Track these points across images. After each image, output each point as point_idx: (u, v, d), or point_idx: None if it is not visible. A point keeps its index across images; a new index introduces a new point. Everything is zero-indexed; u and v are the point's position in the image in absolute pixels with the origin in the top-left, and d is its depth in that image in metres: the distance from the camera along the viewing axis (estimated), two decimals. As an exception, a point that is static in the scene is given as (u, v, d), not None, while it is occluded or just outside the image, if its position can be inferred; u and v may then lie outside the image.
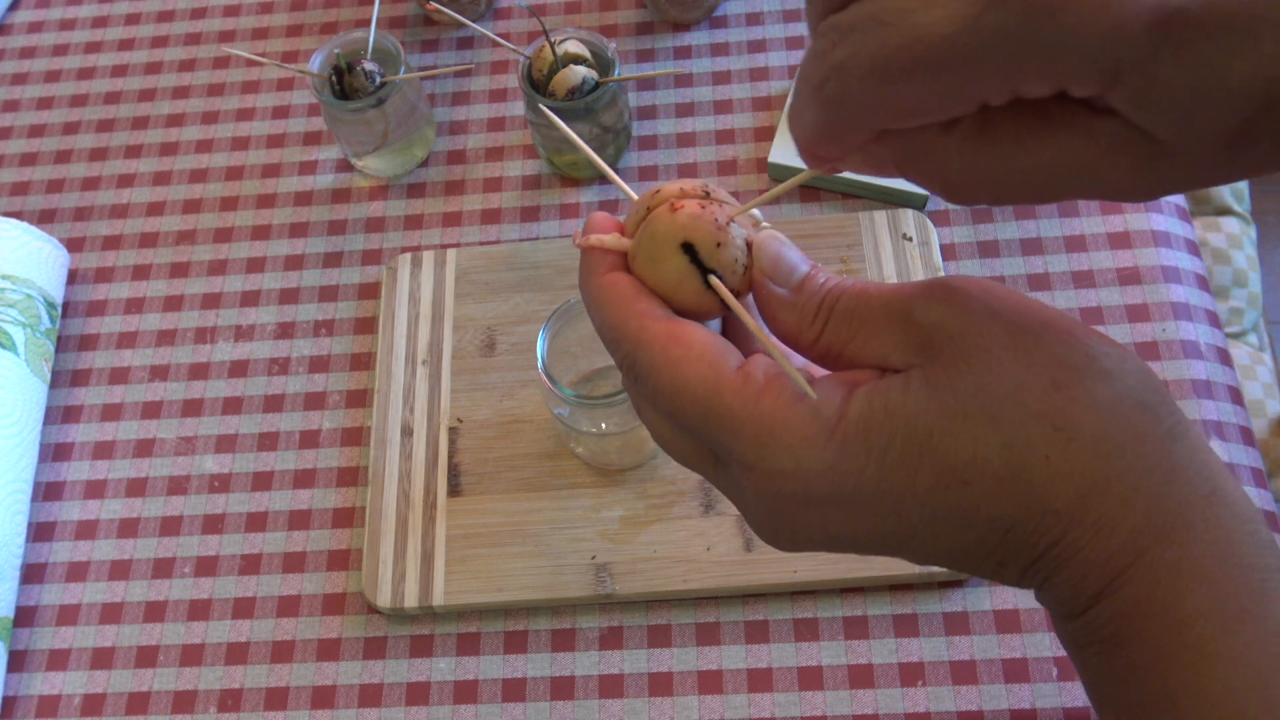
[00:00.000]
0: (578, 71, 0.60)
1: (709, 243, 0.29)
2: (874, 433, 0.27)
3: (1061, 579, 0.28)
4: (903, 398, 0.27)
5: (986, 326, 0.27)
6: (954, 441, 0.26)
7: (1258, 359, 0.90)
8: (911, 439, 0.26)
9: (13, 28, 0.80)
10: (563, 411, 0.53)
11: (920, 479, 0.27)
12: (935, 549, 0.29)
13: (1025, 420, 0.26)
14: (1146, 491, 0.26)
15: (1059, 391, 0.26)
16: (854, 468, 0.27)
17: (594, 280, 0.30)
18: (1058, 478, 0.26)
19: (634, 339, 0.29)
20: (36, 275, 0.63)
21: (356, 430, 0.61)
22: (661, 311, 0.29)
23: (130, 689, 0.56)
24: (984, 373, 0.26)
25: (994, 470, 0.26)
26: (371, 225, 0.68)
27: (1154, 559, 0.26)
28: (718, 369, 0.28)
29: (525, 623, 0.56)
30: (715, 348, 0.28)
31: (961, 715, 0.51)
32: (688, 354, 0.28)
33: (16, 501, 0.58)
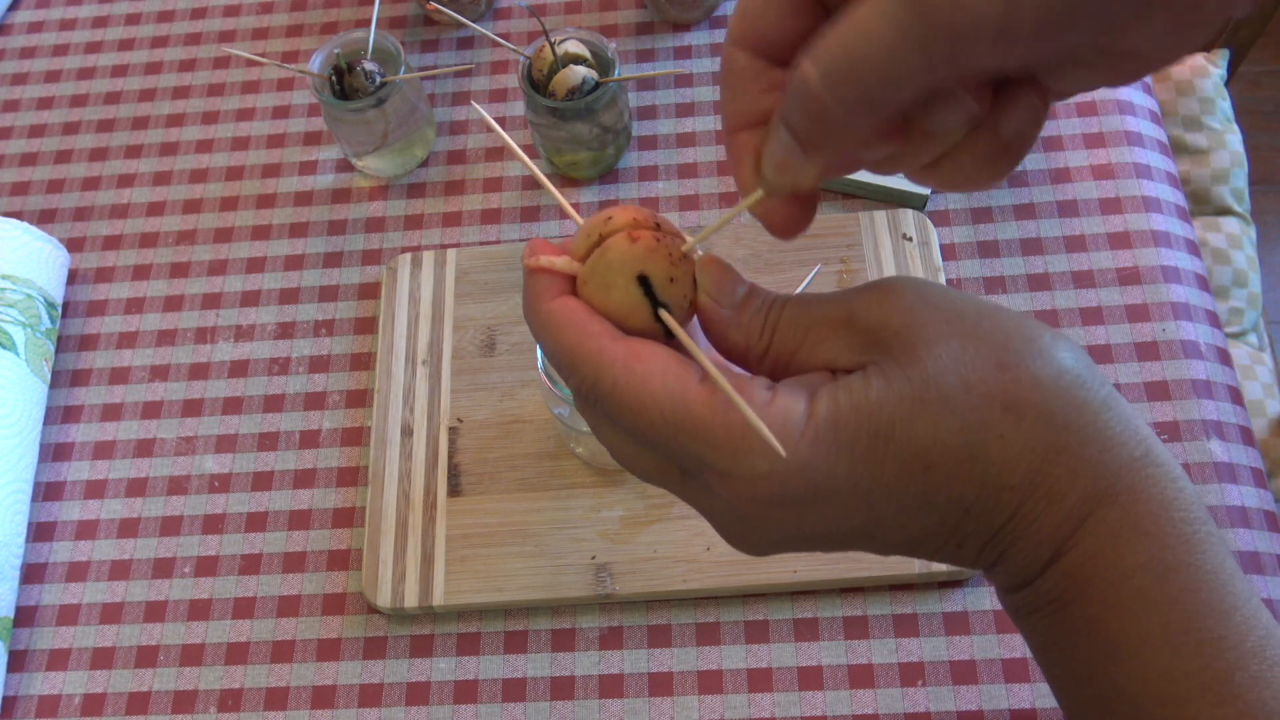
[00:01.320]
0: (578, 71, 0.60)
1: (663, 277, 0.30)
2: (842, 429, 0.28)
3: (1016, 550, 0.29)
4: (864, 392, 0.28)
5: (928, 319, 0.28)
6: (915, 429, 0.28)
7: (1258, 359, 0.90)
8: (877, 431, 0.28)
9: (13, 28, 0.80)
10: (563, 411, 0.53)
11: (887, 467, 0.28)
12: (901, 536, 0.30)
13: (976, 403, 0.28)
14: (1090, 459, 0.28)
15: (1003, 373, 0.28)
16: (826, 464, 0.28)
17: (543, 305, 0.30)
18: (1012, 455, 0.28)
19: (594, 361, 0.29)
20: (36, 275, 0.63)
21: (356, 430, 0.62)
22: (616, 332, 0.30)
23: (130, 689, 0.56)
24: (933, 362, 0.28)
25: (953, 453, 0.28)
26: (371, 225, 0.68)
27: (1098, 520, 0.28)
28: (684, 383, 0.28)
29: (525, 623, 0.56)
30: (677, 364, 0.29)
31: (961, 715, 0.51)
32: (651, 371, 0.28)
33: (16, 501, 0.58)
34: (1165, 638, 0.28)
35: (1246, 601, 0.29)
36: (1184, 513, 0.28)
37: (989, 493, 0.28)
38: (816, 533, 0.30)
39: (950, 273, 0.62)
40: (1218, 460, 0.56)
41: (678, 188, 0.67)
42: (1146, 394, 0.57)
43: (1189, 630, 0.28)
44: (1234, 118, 0.97)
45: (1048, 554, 0.29)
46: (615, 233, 0.30)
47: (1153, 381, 0.58)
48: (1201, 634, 0.28)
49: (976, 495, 0.28)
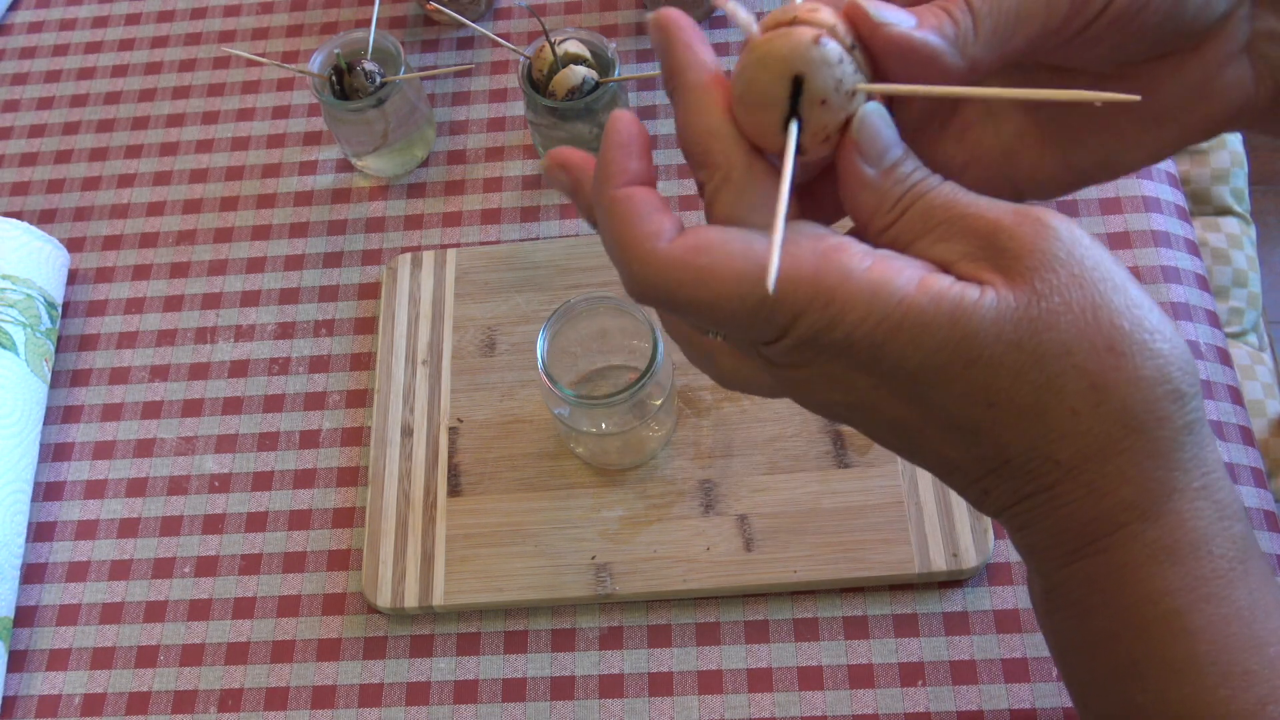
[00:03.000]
0: (578, 71, 0.60)
1: (818, 92, 0.27)
2: (930, 331, 0.27)
3: (1042, 527, 0.29)
4: (972, 312, 0.27)
5: (1066, 272, 0.27)
6: (998, 367, 0.27)
7: (1258, 359, 0.90)
8: (961, 351, 0.27)
9: (13, 28, 0.80)
10: (563, 411, 0.53)
11: (955, 387, 0.27)
12: (935, 450, 0.30)
13: (1067, 371, 0.27)
14: (1145, 472, 0.27)
15: (1110, 356, 0.27)
16: (898, 353, 0.27)
17: (606, 191, 0.29)
18: (1074, 432, 0.27)
19: (646, 262, 0.28)
20: (36, 275, 0.63)
21: (356, 430, 0.62)
22: (672, 226, 0.28)
23: (130, 689, 0.56)
24: (1049, 314, 0.27)
25: (1020, 404, 0.27)
26: (371, 225, 0.68)
27: (1134, 533, 0.28)
28: (752, 261, 0.27)
29: (525, 623, 0.56)
30: (742, 241, 0.27)
31: (961, 715, 0.51)
32: (715, 260, 0.27)
33: (16, 501, 0.58)
34: (1190, 666, 0.28)
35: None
36: (1227, 548, 0.28)
37: (1034, 457, 0.28)
38: (866, 401, 0.29)
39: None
40: (1218, 460, 0.56)
41: (677, 188, 0.67)
42: (1146, 394, 0.57)
43: (1216, 662, 0.28)
44: (1234, 118, 0.97)
45: (1071, 544, 0.29)
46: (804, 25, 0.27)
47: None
48: (1229, 666, 0.28)
49: (1021, 452, 0.28)
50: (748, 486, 0.56)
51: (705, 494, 0.56)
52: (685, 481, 0.57)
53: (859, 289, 0.27)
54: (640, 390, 0.50)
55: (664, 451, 0.58)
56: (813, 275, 0.27)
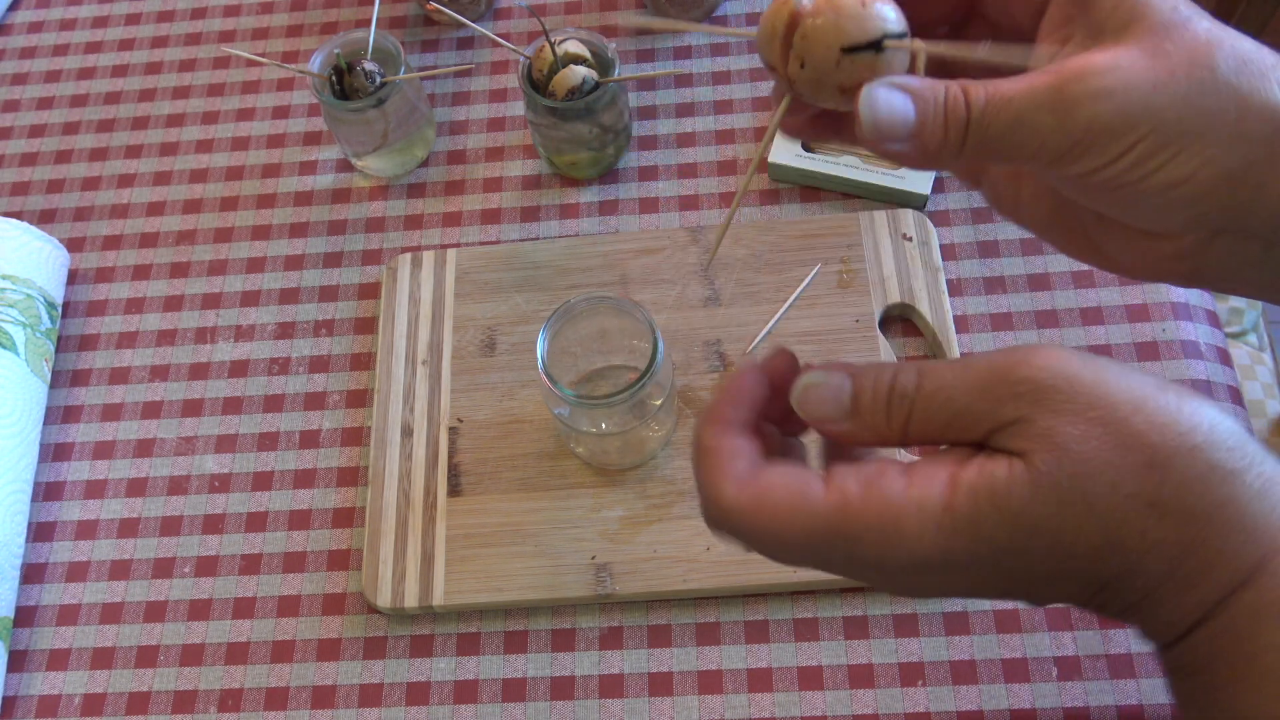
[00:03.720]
0: (578, 71, 0.60)
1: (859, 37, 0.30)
2: (982, 524, 0.29)
3: (1153, 621, 0.31)
4: (1009, 492, 0.29)
5: (1077, 416, 0.29)
6: (1060, 526, 0.29)
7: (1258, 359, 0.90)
8: (1019, 528, 0.29)
9: (13, 28, 0.80)
10: (563, 411, 0.53)
11: (1032, 555, 0.29)
12: (1045, 596, 0.31)
13: (1120, 503, 0.28)
14: (1228, 550, 0.29)
15: (1152, 473, 0.28)
16: (965, 549, 0.29)
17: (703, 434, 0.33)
18: (1152, 548, 0.29)
19: (721, 505, 0.32)
20: (36, 275, 0.63)
21: (356, 430, 0.62)
22: (742, 469, 0.32)
23: (130, 689, 0.56)
24: (1082, 465, 0.28)
25: (1094, 544, 0.29)
26: (371, 225, 0.68)
27: (1235, 603, 0.29)
28: (809, 501, 0.30)
29: (525, 623, 0.56)
30: (799, 484, 0.31)
31: (961, 715, 0.51)
32: (776, 502, 0.30)
33: (16, 501, 0.58)
34: None
35: None
36: None
37: (1126, 575, 0.29)
38: (966, 587, 0.31)
39: (950, 273, 0.62)
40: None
41: (678, 188, 0.67)
42: (1146, 394, 0.57)
43: None
44: (1234, 118, 0.97)
45: (1182, 628, 0.30)
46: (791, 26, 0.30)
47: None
48: None
49: (1115, 575, 0.29)
50: (748, 486, 0.56)
51: (705, 494, 0.56)
52: (685, 481, 0.57)
53: (905, 509, 0.29)
54: (640, 390, 0.50)
55: (664, 451, 0.58)
56: (860, 505, 0.30)
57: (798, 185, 0.66)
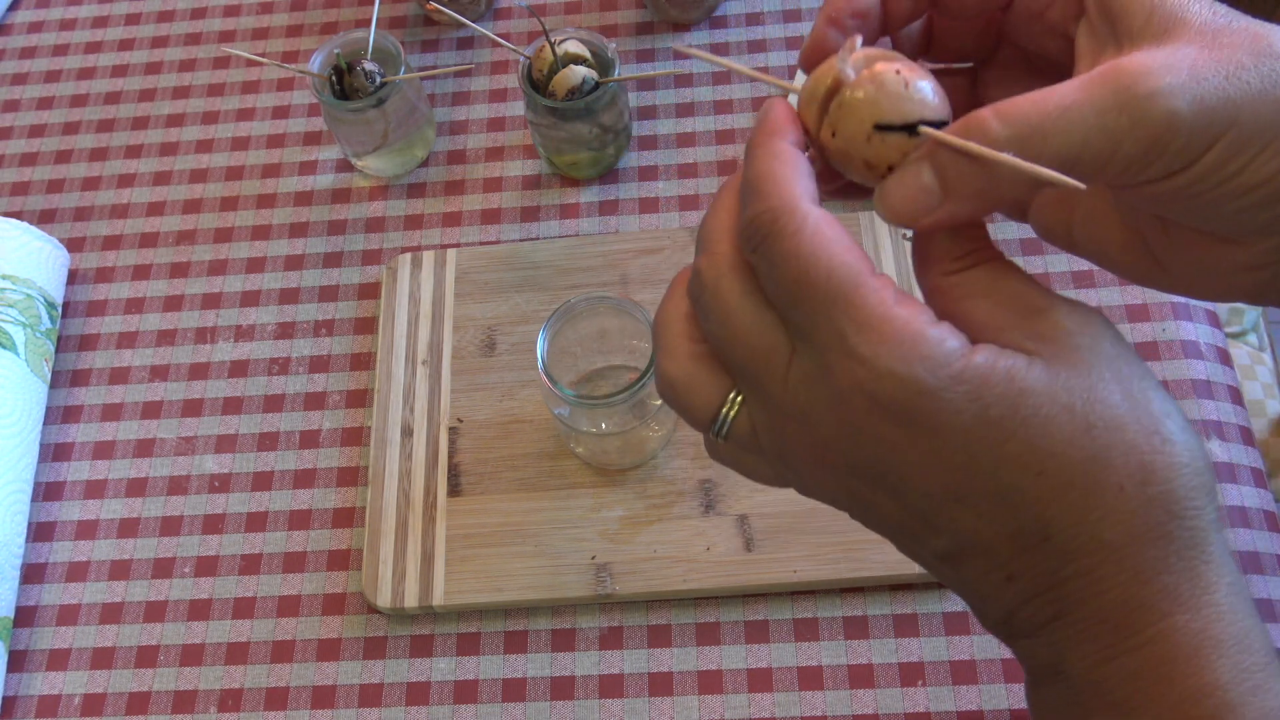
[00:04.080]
0: (578, 71, 0.60)
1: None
2: (988, 386, 0.27)
3: (1077, 617, 0.28)
4: (1025, 371, 0.27)
5: (1114, 361, 0.28)
6: (1050, 429, 0.27)
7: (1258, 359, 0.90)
8: (1017, 409, 0.27)
9: (13, 28, 0.80)
10: (563, 411, 0.53)
11: (1007, 446, 0.27)
12: (966, 525, 0.29)
13: (1118, 444, 0.27)
14: (1186, 561, 0.27)
15: (1156, 437, 0.27)
16: (954, 404, 0.27)
17: (767, 139, 0.29)
18: (1121, 509, 0.27)
19: (787, 203, 0.28)
20: (36, 275, 0.63)
21: (356, 430, 0.62)
22: (816, 197, 0.29)
23: (130, 689, 0.56)
24: (1103, 389, 0.27)
25: (1070, 474, 0.27)
26: (371, 225, 0.68)
27: (1178, 625, 0.27)
28: (862, 263, 0.28)
29: (525, 623, 0.56)
30: (861, 250, 0.28)
31: (961, 715, 0.51)
32: (840, 239, 0.28)
33: (16, 501, 0.58)
34: None
35: None
36: (1264, 642, 0.28)
37: (1079, 534, 0.27)
38: (896, 471, 0.29)
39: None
40: (1218, 460, 0.56)
41: (678, 188, 0.67)
42: (1146, 394, 0.57)
43: None
44: (1234, 118, 0.97)
45: (1111, 636, 0.28)
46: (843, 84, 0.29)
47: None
48: None
49: (1065, 527, 0.27)
50: (748, 486, 0.56)
51: (705, 494, 0.56)
52: (685, 481, 0.57)
53: (931, 336, 0.27)
54: (640, 390, 0.50)
55: (664, 451, 0.58)
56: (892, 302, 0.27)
57: (798, 185, 0.66)
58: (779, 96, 0.31)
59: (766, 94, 0.70)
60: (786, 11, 0.72)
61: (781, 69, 0.70)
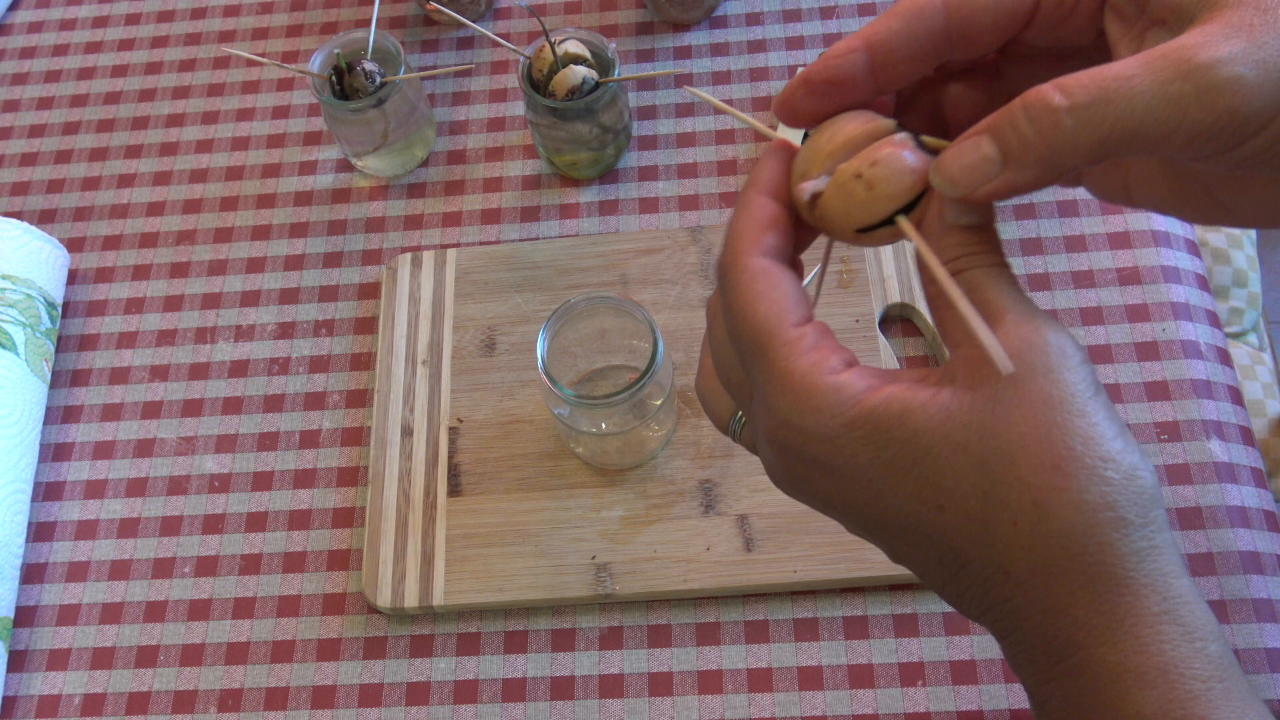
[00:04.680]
0: (578, 71, 0.60)
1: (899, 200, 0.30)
2: (879, 429, 0.28)
3: (1014, 639, 0.29)
4: (919, 411, 0.28)
5: (1037, 388, 0.28)
6: (943, 467, 0.28)
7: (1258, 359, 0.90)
8: (909, 449, 0.28)
9: (13, 28, 0.80)
10: (563, 411, 0.53)
11: (906, 485, 0.28)
12: (907, 553, 0.31)
13: (1010, 482, 0.27)
14: (1093, 595, 0.27)
15: (1053, 475, 0.27)
16: (850, 449, 0.29)
17: (748, 193, 0.32)
18: (1017, 545, 0.27)
19: (735, 256, 0.31)
20: (36, 275, 0.63)
21: (356, 430, 0.62)
22: (771, 247, 0.31)
23: (130, 689, 0.56)
24: (1000, 423, 0.27)
25: (968, 508, 0.28)
26: (371, 225, 0.68)
27: (1096, 657, 0.28)
28: (783, 316, 0.30)
29: (525, 623, 0.56)
30: (790, 298, 0.30)
31: (961, 715, 0.51)
32: (768, 292, 0.30)
33: (16, 501, 0.58)
34: None
35: None
36: (1201, 669, 0.28)
37: (987, 565, 0.28)
38: (834, 501, 0.31)
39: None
40: (1218, 460, 0.56)
41: (678, 187, 0.67)
42: (1147, 394, 0.57)
43: None
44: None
45: (1043, 661, 0.29)
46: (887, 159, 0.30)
47: (1153, 381, 0.58)
48: None
49: (976, 559, 0.28)
50: (748, 486, 0.56)
51: (705, 494, 0.56)
52: (685, 481, 0.57)
53: (824, 387, 0.29)
54: (640, 390, 0.50)
55: (664, 451, 0.58)
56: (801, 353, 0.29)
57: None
58: (780, 142, 0.32)
59: (766, 94, 0.70)
60: (786, 11, 0.73)
61: (781, 69, 0.70)
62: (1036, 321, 0.29)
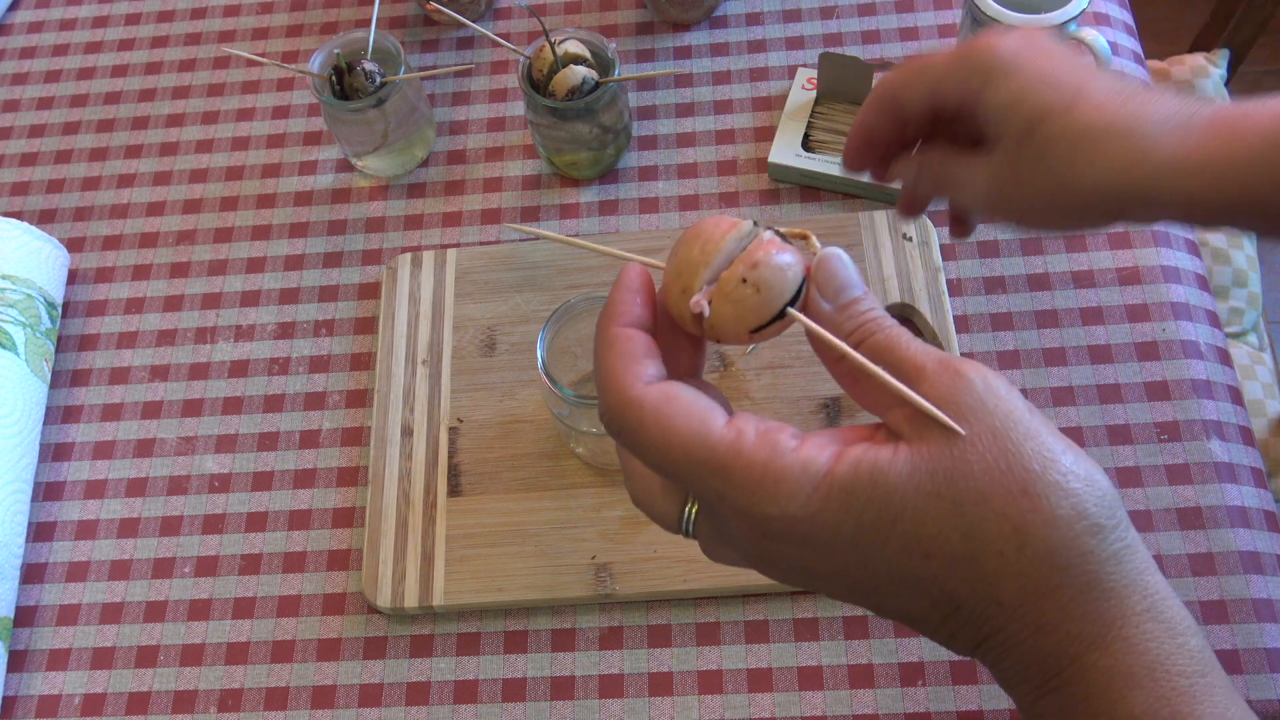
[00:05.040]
0: (578, 71, 0.60)
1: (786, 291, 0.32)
2: (855, 495, 0.29)
3: (1007, 665, 0.30)
4: (887, 469, 0.29)
5: (979, 423, 0.29)
6: (923, 518, 0.29)
7: (1258, 359, 0.90)
8: (887, 508, 0.29)
9: (13, 28, 0.80)
10: (563, 411, 0.53)
11: (890, 543, 0.29)
12: (896, 606, 0.31)
13: (988, 517, 0.28)
14: (1084, 604, 0.29)
15: (1024, 500, 0.28)
16: (832, 521, 0.29)
17: (610, 326, 0.32)
18: (1007, 573, 0.29)
19: (620, 396, 0.31)
20: (36, 275, 0.63)
21: (356, 430, 0.61)
22: (654, 375, 0.32)
23: (130, 689, 0.56)
24: (962, 464, 0.29)
25: (953, 550, 0.29)
26: (371, 225, 0.68)
27: (1089, 664, 0.29)
28: (708, 425, 0.30)
29: (525, 623, 0.56)
30: (704, 408, 0.31)
31: (961, 715, 0.51)
32: (678, 413, 0.30)
33: (16, 501, 0.58)
34: None
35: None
36: (1184, 665, 0.29)
37: (979, 600, 0.29)
38: (821, 573, 0.31)
39: (950, 273, 0.62)
40: (1218, 460, 0.56)
41: (678, 188, 0.67)
42: (1147, 394, 0.57)
43: None
44: (1234, 118, 0.97)
45: (1036, 680, 0.30)
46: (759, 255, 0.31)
47: (1153, 381, 0.58)
48: None
49: (968, 597, 0.29)
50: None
51: (705, 494, 0.56)
52: (685, 481, 0.57)
53: (791, 469, 0.29)
54: (640, 390, 0.50)
55: (664, 451, 0.58)
56: (750, 448, 0.30)
57: (798, 185, 0.66)
58: (631, 268, 0.33)
59: (766, 94, 0.70)
60: (786, 11, 0.73)
61: (781, 69, 0.70)
62: (953, 365, 0.30)
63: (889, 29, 0.71)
